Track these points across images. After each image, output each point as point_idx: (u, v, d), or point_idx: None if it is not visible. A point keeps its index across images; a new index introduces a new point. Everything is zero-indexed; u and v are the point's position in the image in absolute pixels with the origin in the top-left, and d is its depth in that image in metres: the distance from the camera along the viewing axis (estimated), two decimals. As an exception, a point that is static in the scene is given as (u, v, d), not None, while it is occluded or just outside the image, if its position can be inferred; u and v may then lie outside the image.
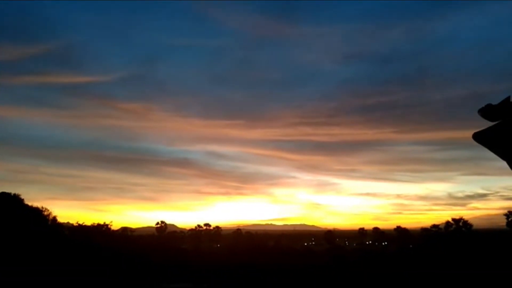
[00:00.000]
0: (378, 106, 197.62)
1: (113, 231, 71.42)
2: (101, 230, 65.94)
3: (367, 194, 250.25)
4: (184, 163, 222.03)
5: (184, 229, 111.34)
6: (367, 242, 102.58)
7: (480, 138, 1.68)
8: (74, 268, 31.56)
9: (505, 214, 72.56)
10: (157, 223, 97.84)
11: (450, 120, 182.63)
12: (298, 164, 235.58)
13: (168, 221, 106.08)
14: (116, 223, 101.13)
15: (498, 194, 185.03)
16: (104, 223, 68.13)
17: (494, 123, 1.73)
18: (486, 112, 1.70)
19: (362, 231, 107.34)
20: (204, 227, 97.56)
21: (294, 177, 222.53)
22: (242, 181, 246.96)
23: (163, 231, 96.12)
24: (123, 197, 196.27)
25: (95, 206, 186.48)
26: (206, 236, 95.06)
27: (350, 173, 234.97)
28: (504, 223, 72.17)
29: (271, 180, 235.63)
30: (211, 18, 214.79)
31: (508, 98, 1.67)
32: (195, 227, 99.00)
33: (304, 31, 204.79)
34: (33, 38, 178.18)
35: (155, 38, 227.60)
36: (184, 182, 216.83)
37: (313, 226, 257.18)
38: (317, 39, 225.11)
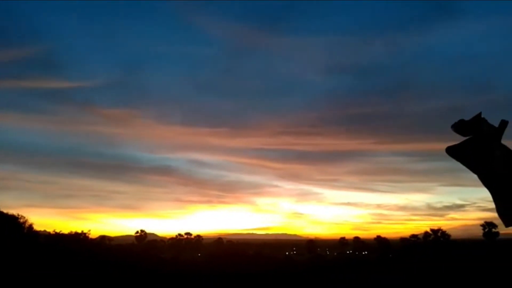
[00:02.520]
0: (360, 117, 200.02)
1: (91, 239, 70.01)
2: (78, 238, 64.50)
3: (348, 203, 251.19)
4: (166, 171, 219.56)
5: (165, 237, 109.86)
6: (348, 252, 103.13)
7: (452, 152, 1.69)
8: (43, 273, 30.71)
9: (482, 225, 74.28)
10: (137, 232, 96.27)
11: (428, 132, 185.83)
12: (280, 173, 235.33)
13: (148, 230, 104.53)
14: (95, 232, 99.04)
15: (476, 205, 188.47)
16: (82, 231, 66.77)
17: (466, 138, 1.75)
18: (458, 127, 1.72)
19: (343, 241, 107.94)
20: (185, 236, 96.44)
21: (276, 186, 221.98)
22: (224, 189, 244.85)
23: (143, 239, 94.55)
24: (102, 205, 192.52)
25: (74, 214, 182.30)
26: (187, 245, 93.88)
27: (331, 182, 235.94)
28: (481, 234, 73.77)
29: (254, 189, 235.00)
30: (196, 26, 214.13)
31: (479, 114, 1.69)
32: (176, 236, 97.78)
33: (287, 42, 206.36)
34: (13, 41, 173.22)
35: (139, 44, 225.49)
36: (165, 190, 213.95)
37: (294, 235, 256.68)
38: (300, 50, 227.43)
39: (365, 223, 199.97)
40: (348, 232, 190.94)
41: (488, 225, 73.06)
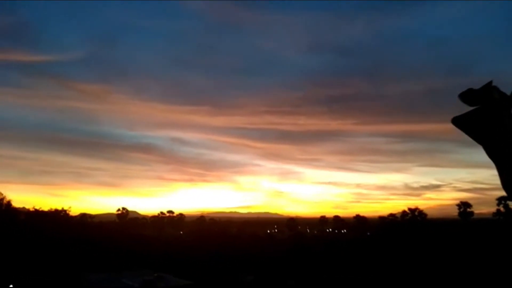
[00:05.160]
0: (341, 97, 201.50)
1: (72, 217, 69.54)
2: (59, 215, 63.95)
3: (329, 183, 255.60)
4: (146, 149, 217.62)
5: (147, 215, 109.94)
6: (328, 230, 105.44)
7: (459, 122, 1.68)
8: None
9: (457, 205, 76.80)
10: (118, 210, 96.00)
11: (407, 114, 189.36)
12: (262, 152, 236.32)
13: (129, 208, 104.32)
14: (75, 209, 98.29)
15: (451, 185, 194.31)
16: (62, 208, 66.20)
17: (473, 108, 1.75)
18: (467, 96, 1.71)
19: (323, 219, 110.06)
20: (167, 214, 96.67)
21: (258, 165, 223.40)
22: (206, 168, 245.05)
23: (124, 217, 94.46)
24: (82, 182, 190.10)
25: (52, 190, 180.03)
26: (169, 223, 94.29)
27: (312, 162, 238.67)
28: (456, 213, 76.33)
29: (235, 167, 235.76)
30: (177, 0, 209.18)
31: (490, 82, 1.68)
32: (158, 214, 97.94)
33: (269, 19, 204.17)
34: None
35: (116, 18, 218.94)
36: (147, 168, 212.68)
37: (276, 214, 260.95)
38: (282, 27, 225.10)
39: (345, 202, 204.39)
40: (329, 210, 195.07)
41: (463, 205, 75.55)
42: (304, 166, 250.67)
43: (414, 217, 76.13)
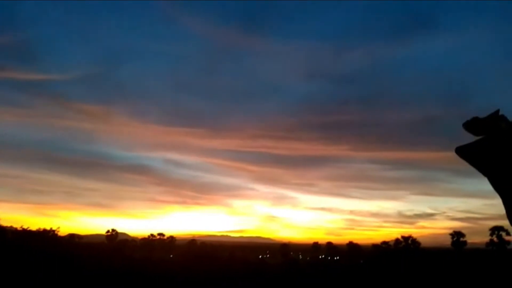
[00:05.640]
0: (337, 124, 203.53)
1: (60, 237, 68.20)
2: (47, 235, 62.73)
3: (322, 208, 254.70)
4: (141, 170, 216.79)
5: (136, 237, 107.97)
6: (320, 256, 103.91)
7: (463, 152, 1.55)
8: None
9: (451, 234, 76.20)
10: (108, 231, 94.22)
11: (402, 142, 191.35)
12: (257, 176, 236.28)
13: (119, 229, 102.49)
14: (64, 229, 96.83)
15: (445, 214, 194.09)
16: (51, 228, 64.96)
17: (477, 137, 1.61)
18: (472, 125, 1.57)
19: (316, 245, 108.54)
20: (158, 237, 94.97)
21: (252, 189, 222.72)
22: (199, 190, 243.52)
23: (114, 239, 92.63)
24: (73, 202, 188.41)
25: (43, 210, 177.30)
26: (159, 246, 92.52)
27: (307, 187, 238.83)
28: (449, 243, 75.63)
29: (229, 191, 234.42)
30: (179, 23, 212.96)
31: (497, 111, 1.55)
32: (148, 236, 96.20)
33: (270, 46, 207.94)
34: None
35: (118, 39, 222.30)
36: (140, 189, 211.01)
37: (268, 238, 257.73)
38: (282, 54, 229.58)
39: (338, 228, 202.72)
40: (322, 236, 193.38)
41: (456, 234, 74.95)
42: (298, 191, 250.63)
43: (407, 245, 75.36)
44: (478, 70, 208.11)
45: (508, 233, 66.97)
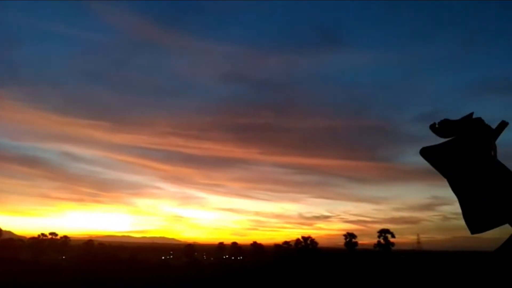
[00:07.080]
0: (250, 127, 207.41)
1: None
2: None
3: (229, 209, 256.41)
4: (32, 162, 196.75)
5: (24, 237, 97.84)
6: (225, 257, 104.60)
7: (428, 153, 1.52)
8: None
9: (344, 235, 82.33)
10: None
11: (306, 148, 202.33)
12: (164, 174, 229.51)
13: (4, 227, 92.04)
14: None
15: (339, 216, 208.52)
16: None
17: (445, 139, 1.55)
18: (442, 127, 1.53)
19: (221, 246, 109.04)
20: (49, 236, 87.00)
21: (158, 188, 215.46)
22: (100, 188, 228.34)
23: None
24: None
25: None
26: (50, 247, 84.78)
27: (215, 188, 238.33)
28: (343, 243, 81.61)
29: (133, 189, 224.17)
30: (93, 10, 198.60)
31: (471, 114, 1.52)
32: (38, 235, 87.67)
33: (188, 43, 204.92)
34: None
35: (20, 18, 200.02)
36: (29, 183, 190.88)
37: (173, 239, 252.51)
38: (200, 53, 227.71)
39: (243, 228, 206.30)
40: (227, 237, 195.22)
41: (349, 236, 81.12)
42: (206, 192, 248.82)
43: (306, 245, 79.58)
44: (380, 86, 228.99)
45: (393, 236, 74.51)
